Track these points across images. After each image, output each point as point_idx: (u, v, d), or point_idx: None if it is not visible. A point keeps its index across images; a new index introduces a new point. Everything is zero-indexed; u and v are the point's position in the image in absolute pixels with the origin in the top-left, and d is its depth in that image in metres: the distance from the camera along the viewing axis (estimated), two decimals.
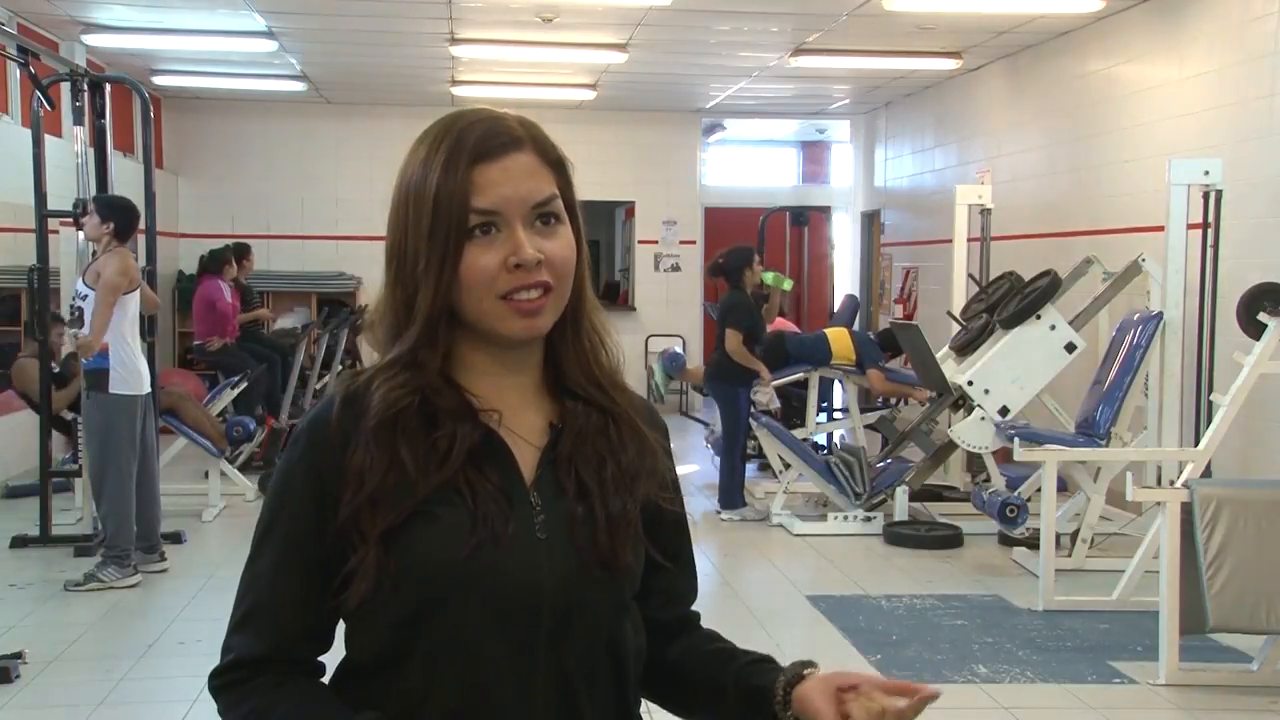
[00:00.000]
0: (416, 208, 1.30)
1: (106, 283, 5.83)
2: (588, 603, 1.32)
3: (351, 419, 1.32)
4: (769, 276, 9.03)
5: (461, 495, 1.29)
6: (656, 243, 13.79)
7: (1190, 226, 6.16)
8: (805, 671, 1.36)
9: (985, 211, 8.81)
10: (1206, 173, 6.11)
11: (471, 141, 1.30)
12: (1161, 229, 6.26)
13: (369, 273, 12.51)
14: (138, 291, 6.07)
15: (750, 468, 9.32)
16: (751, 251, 7.98)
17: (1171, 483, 5.19)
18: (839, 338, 8.58)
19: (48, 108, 6.82)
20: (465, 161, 1.29)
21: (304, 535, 1.32)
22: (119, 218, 6.05)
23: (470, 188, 1.28)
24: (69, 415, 7.42)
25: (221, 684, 1.34)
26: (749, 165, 16.24)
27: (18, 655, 4.79)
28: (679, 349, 11.94)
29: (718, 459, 8.18)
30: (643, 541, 1.38)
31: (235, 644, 1.34)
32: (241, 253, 10.36)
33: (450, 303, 1.30)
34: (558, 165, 1.35)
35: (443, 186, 1.28)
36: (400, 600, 1.28)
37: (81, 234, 6.36)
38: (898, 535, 7.16)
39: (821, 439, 9.56)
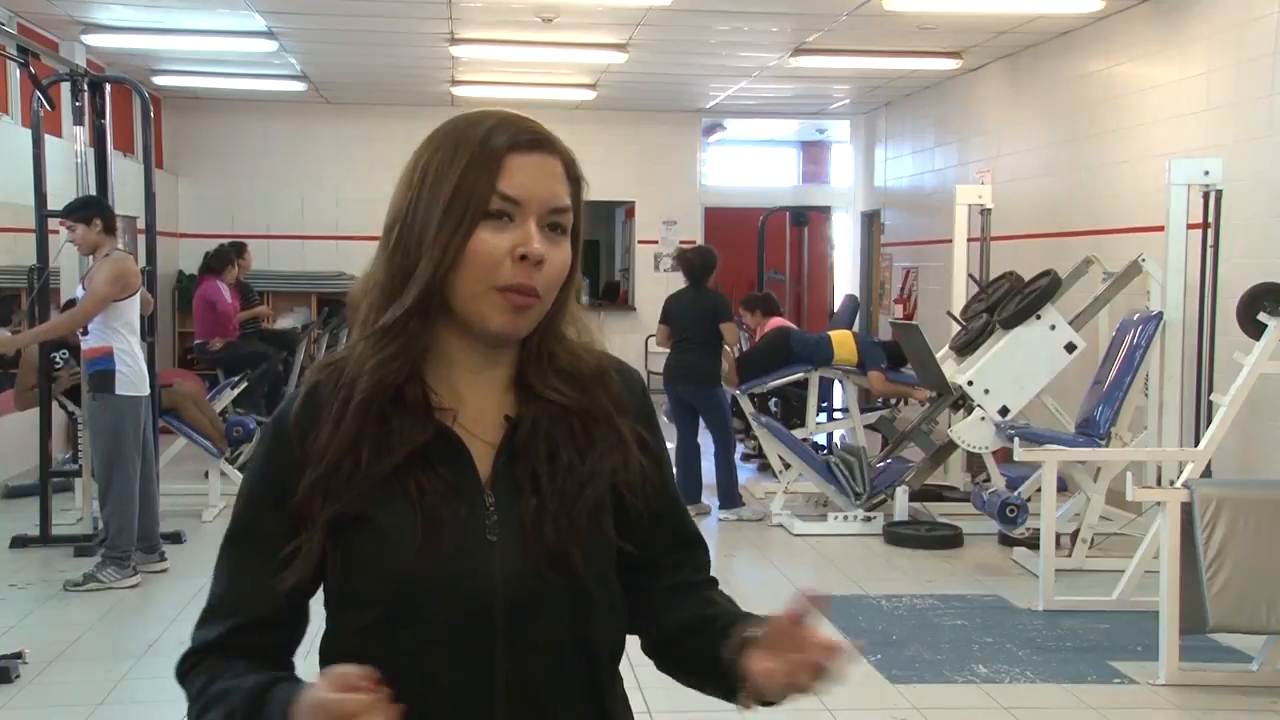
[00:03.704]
0: (437, 177, 1.30)
1: (95, 291, 5.76)
2: (543, 602, 1.30)
3: (313, 409, 1.33)
4: None
5: (409, 496, 1.29)
6: (656, 243, 13.80)
7: (1190, 226, 6.16)
8: (748, 635, 1.29)
9: (985, 211, 8.81)
10: (1206, 173, 6.10)
11: (511, 130, 1.31)
12: (1161, 229, 6.26)
13: None
14: (138, 295, 6.04)
15: (750, 468, 9.35)
16: (717, 258, 8.00)
17: (1171, 483, 5.19)
18: (843, 341, 8.58)
19: (48, 108, 6.81)
20: (503, 145, 1.30)
21: (263, 530, 1.33)
22: (99, 211, 5.97)
23: (500, 170, 1.29)
24: (70, 407, 7.41)
25: (179, 672, 1.36)
26: (749, 165, 16.24)
27: (18, 655, 4.79)
28: None
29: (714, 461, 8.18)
30: (605, 532, 1.36)
31: (194, 636, 1.37)
32: (239, 251, 10.36)
33: (444, 283, 1.30)
34: (576, 184, 1.36)
35: (473, 161, 1.29)
36: (358, 608, 1.30)
37: (74, 246, 6.11)
38: (898, 535, 7.15)
39: (821, 439, 9.57)
